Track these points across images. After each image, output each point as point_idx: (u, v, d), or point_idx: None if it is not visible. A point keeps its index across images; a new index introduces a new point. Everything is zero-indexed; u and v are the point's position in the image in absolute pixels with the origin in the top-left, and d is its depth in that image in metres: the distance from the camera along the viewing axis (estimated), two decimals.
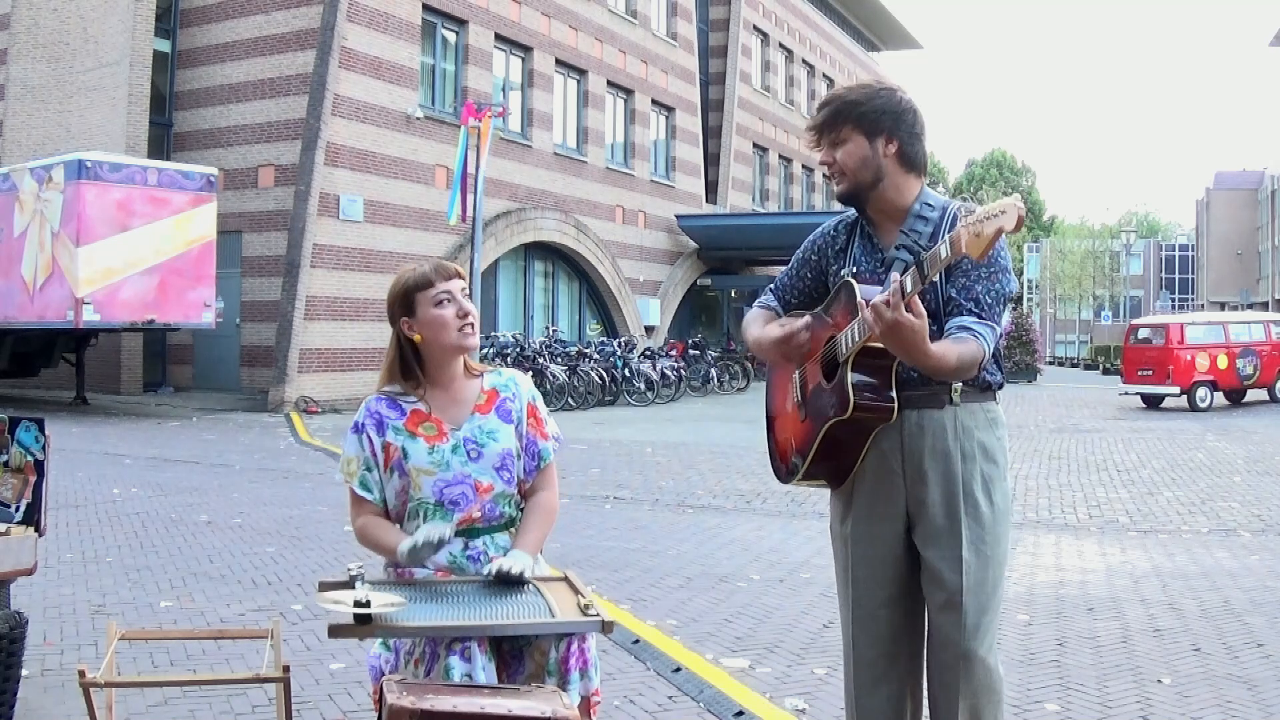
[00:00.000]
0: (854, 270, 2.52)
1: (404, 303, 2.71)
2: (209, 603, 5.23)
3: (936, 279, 2.37)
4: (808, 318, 2.53)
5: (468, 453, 2.69)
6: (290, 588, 5.58)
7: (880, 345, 2.32)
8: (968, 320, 2.37)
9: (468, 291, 2.76)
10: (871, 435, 2.45)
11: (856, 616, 2.55)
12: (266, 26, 18.90)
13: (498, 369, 2.87)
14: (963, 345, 2.32)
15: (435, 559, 2.62)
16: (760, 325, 2.67)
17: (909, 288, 2.16)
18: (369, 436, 2.70)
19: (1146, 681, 4.18)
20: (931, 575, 2.45)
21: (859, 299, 2.32)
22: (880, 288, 2.27)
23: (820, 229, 2.69)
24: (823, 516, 8.13)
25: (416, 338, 2.71)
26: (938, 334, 2.38)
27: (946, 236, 2.11)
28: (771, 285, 2.78)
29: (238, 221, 18.53)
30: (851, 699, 2.58)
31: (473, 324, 2.72)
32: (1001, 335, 2.46)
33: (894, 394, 2.40)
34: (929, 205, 2.50)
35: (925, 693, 2.56)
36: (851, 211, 2.61)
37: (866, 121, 2.46)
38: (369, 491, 2.70)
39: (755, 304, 2.79)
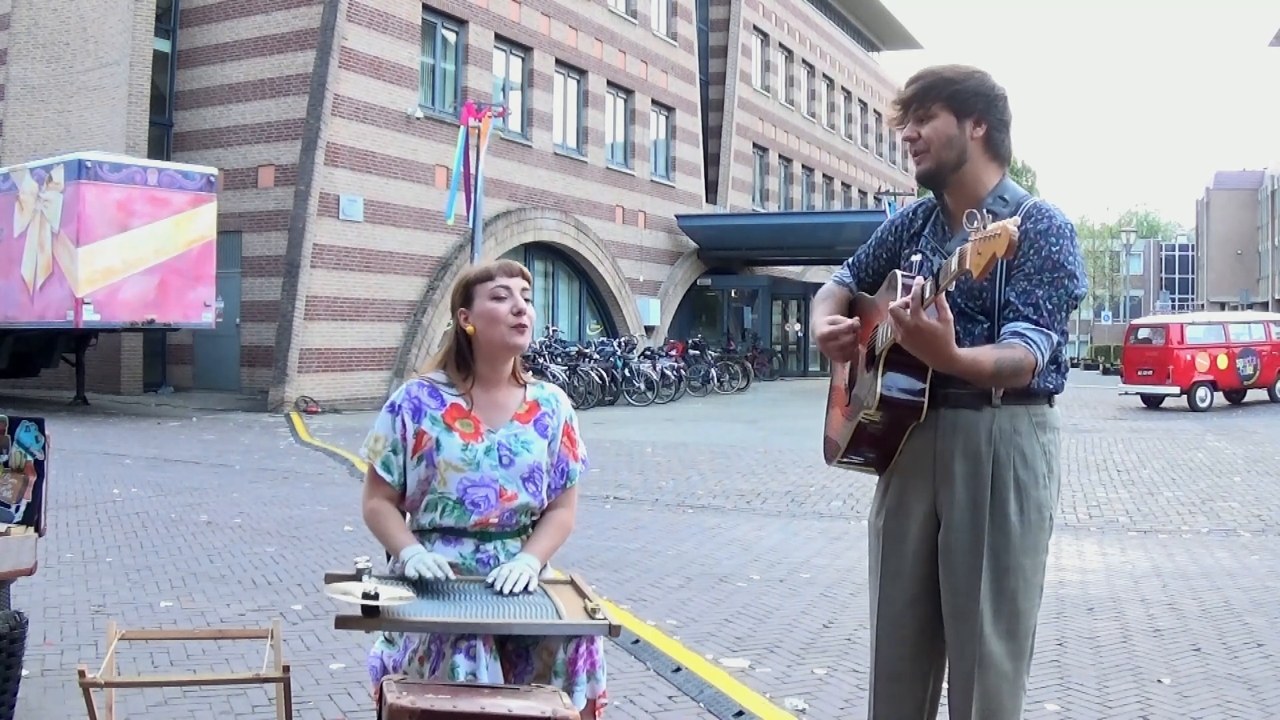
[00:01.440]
0: (920, 257, 2.48)
1: (463, 293, 2.73)
2: (209, 603, 5.23)
3: (994, 278, 2.33)
4: (854, 321, 2.47)
5: (500, 458, 2.67)
6: (290, 588, 5.58)
7: None
8: (1021, 326, 2.29)
9: (529, 294, 2.75)
10: (908, 430, 2.41)
11: (883, 614, 2.52)
12: (266, 26, 18.90)
13: (540, 383, 2.85)
14: (1006, 352, 2.24)
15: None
16: (824, 307, 2.62)
17: (928, 294, 2.11)
18: (403, 420, 2.68)
19: (1146, 681, 4.18)
20: (948, 579, 2.42)
21: (898, 292, 2.28)
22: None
23: (903, 209, 2.65)
24: (823, 516, 8.15)
25: (470, 329, 2.71)
26: (991, 333, 2.34)
27: (958, 249, 2.06)
28: (850, 260, 2.73)
29: (238, 221, 18.53)
30: (872, 695, 2.56)
31: (526, 323, 2.70)
32: (1061, 343, 2.36)
33: (925, 393, 2.35)
34: (1003, 200, 2.42)
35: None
36: (932, 196, 2.56)
37: (959, 100, 2.40)
38: (389, 473, 2.68)
39: (832, 277, 2.74)
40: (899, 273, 2.35)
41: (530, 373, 2.87)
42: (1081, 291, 2.37)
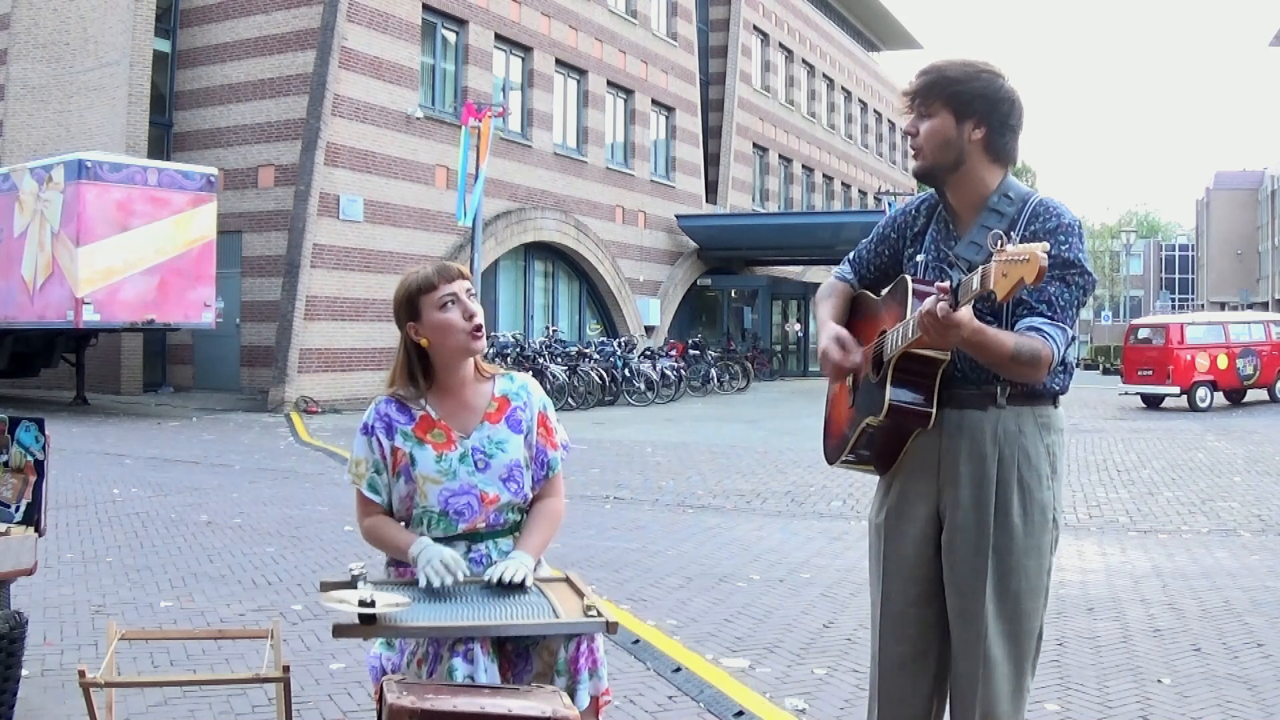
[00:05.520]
0: (926, 258, 2.46)
1: (408, 307, 2.66)
2: (209, 603, 5.23)
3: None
4: (860, 356, 2.45)
5: (475, 463, 2.66)
6: (290, 588, 5.58)
7: (924, 354, 2.28)
8: (1037, 321, 2.28)
9: (473, 292, 2.69)
10: (913, 434, 2.41)
11: (885, 613, 2.51)
12: (266, 26, 18.90)
13: (510, 373, 2.81)
14: (1025, 338, 2.24)
15: None
16: (829, 309, 2.59)
17: (944, 310, 2.10)
18: (378, 439, 2.67)
19: (1146, 681, 4.18)
20: (952, 579, 2.41)
21: (909, 302, 2.28)
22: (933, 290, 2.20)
23: (904, 205, 2.61)
24: (823, 516, 8.14)
25: (423, 342, 2.66)
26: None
27: (981, 268, 2.04)
28: (851, 256, 2.69)
29: (238, 221, 18.53)
30: (875, 695, 2.54)
31: (480, 326, 2.66)
32: (1072, 339, 2.35)
33: (933, 402, 2.34)
34: (1007, 198, 2.39)
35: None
36: (933, 192, 2.52)
37: (958, 101, 2.36)
38: (377, 494, 2.68)
39: (833, 273, 2.71)
40: (911, 281, 2.34)
41: (502, 363, 2.83)
42: (1091, 283, 2.36)
